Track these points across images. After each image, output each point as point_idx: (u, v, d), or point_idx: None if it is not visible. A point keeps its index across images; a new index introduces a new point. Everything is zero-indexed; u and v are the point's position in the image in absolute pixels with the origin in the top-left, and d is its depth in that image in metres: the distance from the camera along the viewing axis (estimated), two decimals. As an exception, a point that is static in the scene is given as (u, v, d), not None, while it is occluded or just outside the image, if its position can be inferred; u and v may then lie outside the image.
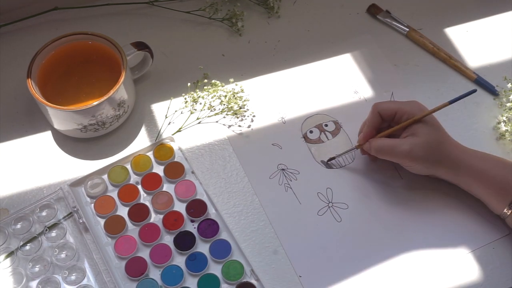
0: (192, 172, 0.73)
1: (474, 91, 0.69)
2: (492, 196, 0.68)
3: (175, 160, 0.74)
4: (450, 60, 0.83)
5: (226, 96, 0.78)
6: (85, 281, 0.66)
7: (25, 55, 0.74)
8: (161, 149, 0.74)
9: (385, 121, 0.71)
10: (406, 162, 0.69)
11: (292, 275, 0.67)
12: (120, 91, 0.72)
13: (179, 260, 0.68)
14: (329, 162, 0.75)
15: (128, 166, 0.73)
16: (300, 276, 0.67)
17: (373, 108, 0.71)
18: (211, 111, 0.78)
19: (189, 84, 0.80)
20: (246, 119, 0.78)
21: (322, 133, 0.77)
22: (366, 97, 0.81)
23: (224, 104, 0.78)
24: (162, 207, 0.71)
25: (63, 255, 0.67)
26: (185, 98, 0.78)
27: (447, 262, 0.68)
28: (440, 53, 0.83)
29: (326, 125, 0.78)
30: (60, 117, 0.72)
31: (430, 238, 0.69)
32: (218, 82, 0.79)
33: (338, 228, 0.70)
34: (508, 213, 0.67)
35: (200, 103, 0.79)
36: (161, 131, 0.77)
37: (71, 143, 0.76)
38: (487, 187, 0.68)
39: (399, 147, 0.68)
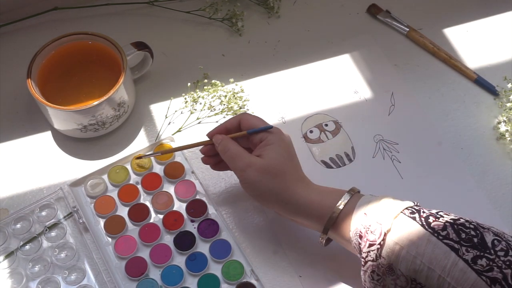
0: (192, 172, 0.73)
1: (270, 127, 0.65)
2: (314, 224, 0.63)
3: (175, 160, 0.74)
4: (450, 60, 0.83)
5: (226, 96, 0.78)
6: (85, 281, 0.66)
7: (25, 55, 0.74)
8: (161, 149, 0.74)
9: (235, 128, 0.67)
10: (240, 177, 0.64)
11: (292, 275, 0.67)
12: (120, 91, 0.72)
13: (179, 260, 0.68)
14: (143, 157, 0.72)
15: (128, 166, 0.73)
16: (300, 276, 0.67)
17: (238, 115, 0.68)
18: (211, 111, 0.78)
19: (189, 84, 0.80)
20: (246, 119, 0.78)
21: (322, 132, 0.77)
22: (366, 97, 0.81)
23: (224, 104, 0.78)
24: (162, 207, 0.71)
25: (63, 255, 0.67)
26: (185, 98, 0.78)
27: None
28: (440, 53, 0.83)
29: (326, 125, 0.78)
30: (60, 117, 0.72)
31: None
32: (218, 82, 0.79)
33: (338, 228, 0.70)
34: (323, 241, 0.63)
35: (200, 103, 0.79)
36: (161, 131, 0.77)
37: (71, 143, 0.76)
38: (308, 218, 0.63)
39: (241, 158, 0.63)
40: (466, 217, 0.57)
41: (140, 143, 0.76)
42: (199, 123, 0.78)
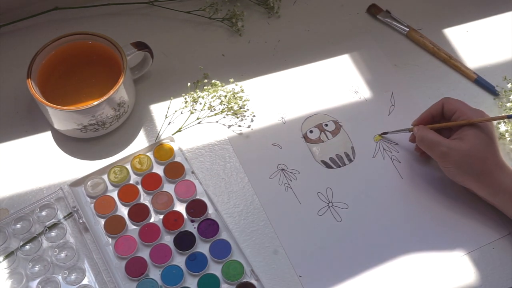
0: (192, 172, 0.73)
1: None
2: None
3: (175, 160, 0.74)
4: (450, 60, 0.83)
5: (226, 96, 0.78)
6: (85, 281, 0.66)
7: (25, 55, 0.74)
8: (161, 149, 0.74)
9: (445, 115, 0.70)
10: (441, 163, 0.68)
11: (292, 275, 0.67)
12: (120, 91, 0.72)
13: (179, 260, 0.68)
14: (384, 135, 0.76)
15: (128, 166, 0.73)
16: (300, 276, 0.67)
17: (441, 99, 0.70)
18: (211, 111, 0.78)
19: (189, 84, 0.80)
20: (246, 119, 0.78)
21: (322, 132, 0.77)
22: (366, 97, 0.81)
23: (224, 104, 0.78)
24: (162, 207, 0.71)
25: (63, 255, 0.68)
26: (185, 98, 0.78)
27: (446, 262, 0.68)
28: (440, 53, 0.83)
29: (326, 125, 0.78)
30: (60, 117, 0.72)
31: (429, 238, 0.69)
32: (218, 82, 0.79)
33: (338, 228, 0.70)
34: None
35: (200, 103, 0.79)
36: (161, 131, 0.77)
37: (71, 143, 0.76)
38: None
39: (438, 146, 0.67)
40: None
41: (140, 143, 0.76)
42: (199, 123, 0.78)
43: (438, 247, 0.69)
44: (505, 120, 0.77)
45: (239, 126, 0.78)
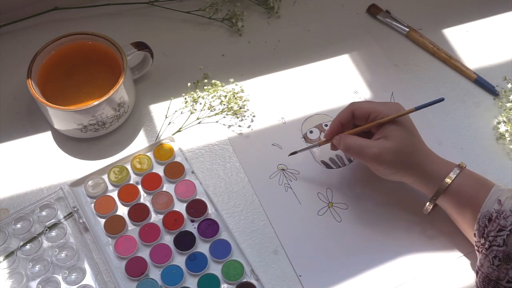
0: (192, 172, 0.73)
1: (442, 99, 0.67)
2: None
3: (175, 160, 0.74)
4: (450, 60, 0.83)
5: (226, 96, 0.78)
6: (85, 281, 0.66)
7: (25, 55, 0.74)
8: (161, 149, 0.74)
9: (360, 121, 0.69)
10: (373, 165, 0.67)
11: (292, 275, 0.67)
12: (120, 91, 0.72)
13: (179, 260, 0.68)
14: (290, 155, 0.73)
15: (128, 166, 0.73)
16: (300, 276, 0.67)
17: (347, 106, 0.69)
18: (211, 111, 0.78)
19: (189, 84, 0.80)
20: (246, 119, 0.78)
21: (322, 133, 0.77)
22: (366, 97, 0.81)
23: (224, 104, 0.78)
24: (162, 207, 0.71)
25: (63, 255, 0.68)
26: (185, 98, 0.78)
27: (446, 262, 0.68)
28: (440, 53, 0.83)
29: (326, 125, 0.78)
30: (60, 117, 0.72)
31: (429, 238, 0.69)
32: (218, 82, 0.79)
33: (338, 228, 0.70)
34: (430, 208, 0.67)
35: (200, 103, 0.79)
36: (161, 131, 0.77)
37: (71, 143, 0.76)
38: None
39: (368, 148, 0.66)
40: None
41: (140, 143, 0.76)
42: (199, 123, 0.78)
43: (438, 247, 0.69)
44: (505, 120, 0.77)
45: (239, 126, 0.78)
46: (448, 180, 0.64)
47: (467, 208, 0.64)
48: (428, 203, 0.67)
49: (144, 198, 0.72)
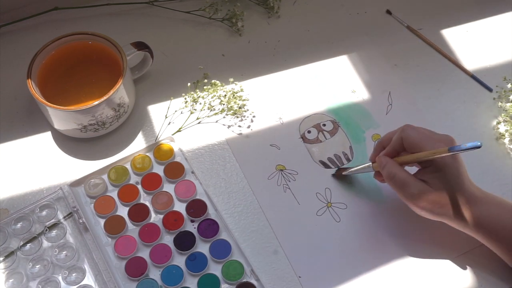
0: (192, 172, 0.73)
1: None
2: (505, 254, 0.64)
3: (175, 160, 0.74)
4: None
5: (226, 96, 0.78)
6: (85, 281, 0.66)
7: (25, 55, 0.74)
8: (161, 149, 0.74)
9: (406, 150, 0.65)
10: (409, 204, 0.64)
11: (292, 275, 0.67)
12: (120, 91, 0.72)
13: (179, 260, 0.68)
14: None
15: (128, 166, 0.73)
16: (300, 277, 0.67)
17: (399, 131, 0.64)
18: (211, 111, 0.78)
19: (189, 84, 0.80)
20: (246, 119, 0.78)
21: (320, 132, 0.77)
22: (364, 97, 0.81)
23: (223, 104, 0.78)
24: (162, 207, 0.71)
25: (63, 255, 0.68)
26: (185, 98, 0.78)
27: (446, 262, 0.68)
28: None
29: (324, 125, 0.78)
30: (60, 117, 0.72)
31: (429, 237, 0.69)
32: (218, 82, 0.79)
33: (337, 228, 0.70)
34: None
35: (200, 103, 0.79)
36: (161, 131, 0.77)
37: (71, 143, 0.76)
38: (499, 245, 0.63)
39: (409, 187, 0.62)
40: None
41: (140, 143, 0.76)
42: (199, 123, 0.78)
43: (438, 247, 0.69)
44: (505, 120, 0.77)
45: (239, 126, 0.78)
46: None
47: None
48: None
49: (144, 198, 0.72)
